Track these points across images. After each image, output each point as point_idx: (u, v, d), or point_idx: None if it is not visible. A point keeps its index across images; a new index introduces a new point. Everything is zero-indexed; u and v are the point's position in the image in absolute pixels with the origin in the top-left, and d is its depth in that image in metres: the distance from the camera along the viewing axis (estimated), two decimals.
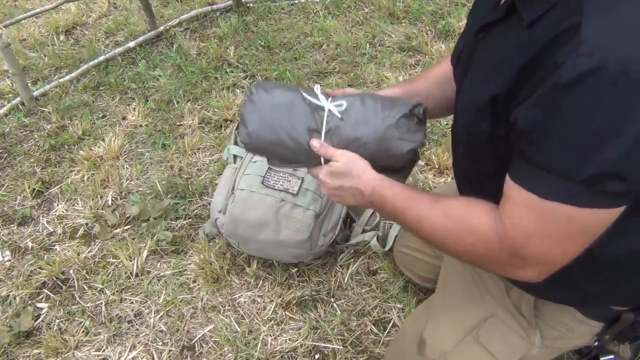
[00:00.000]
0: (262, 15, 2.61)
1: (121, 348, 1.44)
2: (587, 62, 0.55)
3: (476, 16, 0.86)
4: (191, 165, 1.91)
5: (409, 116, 0.88)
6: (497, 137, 0.73)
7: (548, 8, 0.63)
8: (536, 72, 0.62)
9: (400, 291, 1.51)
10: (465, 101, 0.80)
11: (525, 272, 0.73)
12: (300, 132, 0.89)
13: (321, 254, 1.56)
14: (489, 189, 0.80)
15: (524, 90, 0.65)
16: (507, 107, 0.68)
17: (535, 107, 0.62)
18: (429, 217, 0.81)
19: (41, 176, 1.89)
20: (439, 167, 1.83)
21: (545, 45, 0.61)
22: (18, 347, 1.44)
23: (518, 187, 0.67)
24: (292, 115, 0.89)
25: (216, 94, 2.19)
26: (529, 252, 0.70)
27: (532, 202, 0.66)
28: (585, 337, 0.94)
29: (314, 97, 0.90)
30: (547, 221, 0.66)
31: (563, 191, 0.63)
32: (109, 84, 2.26)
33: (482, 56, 0.78)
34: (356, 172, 0.88)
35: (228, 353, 1.41)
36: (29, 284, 1.57)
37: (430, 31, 2.47)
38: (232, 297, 1.53)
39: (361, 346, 1.41)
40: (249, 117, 0.90)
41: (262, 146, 0.93)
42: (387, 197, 0.86)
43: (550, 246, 0.68)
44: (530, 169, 0.65)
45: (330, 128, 0.88)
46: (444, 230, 0.79)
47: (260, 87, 0.92)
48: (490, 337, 0.95)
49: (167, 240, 1.64)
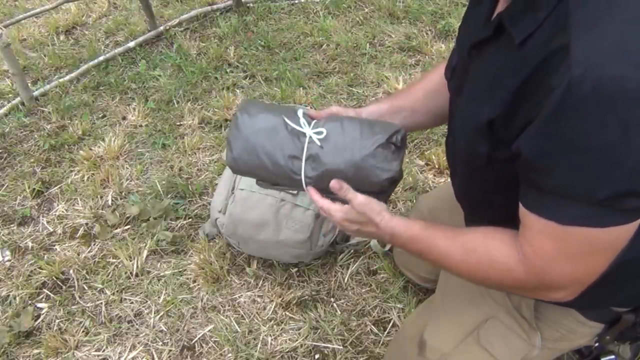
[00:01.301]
0: (262, 15, 2.61)
1: (121, 348, 1.44)
2: (581, 85, 0.55)
3: (468, 31, 0.86)
4: (191, 165, 1.91)
5: (386, 145, 0.89)
6: (496, 159, 0.72)
7: (537, 26, 0.62)
8: (531, 95, 0.62)
9: (400, 291, 1.51)
10: (463, 120, 0.80)
11: (557, 294, 0.73)
12: (280, 158, 0.92)
13: (321, 254, 1.56)
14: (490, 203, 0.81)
15: (520, 113, 0.64)
16: (505, 131, 0.68)
17: (537, 136, 0.61)
18: (451, 255, 0.81)
19: (41, 176, 1.89)
20: (439, 167, 1.83)
21: (537, 66, 0.61)
22: (18, 347, 1.44)
23: (534, 215, 0.67)
24: (274, 141, 0.92)
25: (216, 94, 2.19)
26: (555, 277, 0.69)
27: (550, 229, 0.65)
28: (586, 338, 0.94)
29: (296, 123, 0.92)
30: (569, 245, 0.66)
31: (580, 215, 0.62)
32: (109, 84, 2.26)
33: (475, 74, 0.78)
34: (372, 217, 0.87)
35: (228, 353, 1.41)
36: (29, 284, 1.57)
37: (430, 31, 2.47)
38: (232, 297, 1.53)
39: (361, 346, 1.41)
40: (234, 142, 0.94)
41: (247, 170, 0.97)
42: (406, 242, 0.86)
43: (576, 267, 0.68)
44: (543, 197, 0.65)
45: (310, 155, 0.90)
46: (467, 266, 0.79)
47: (244, 110, 0.95)
48: (490, 338, 0.95)
49: (167, 240, 1.64)
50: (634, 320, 0.87)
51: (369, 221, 0.87)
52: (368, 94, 2.16)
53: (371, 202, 0.87)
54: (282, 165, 0.92)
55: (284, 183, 0.97)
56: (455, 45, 0.92)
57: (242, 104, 0.97)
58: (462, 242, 0.80)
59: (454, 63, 0.88)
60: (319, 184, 0.93)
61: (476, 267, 0.78)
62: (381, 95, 2.15)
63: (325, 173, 0.90)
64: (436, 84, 1.03)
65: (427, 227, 0.85)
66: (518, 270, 0.72)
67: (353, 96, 2.16)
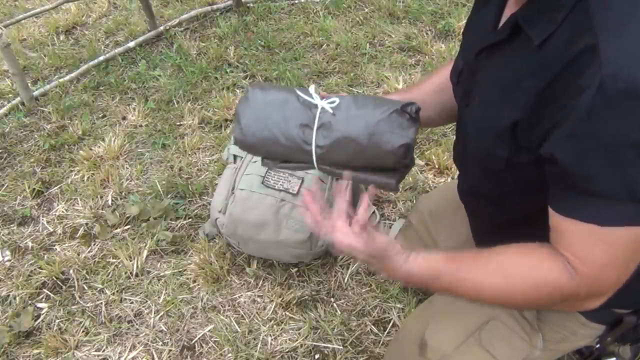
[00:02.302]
0: (262, 15, 2.61)
1: (121, 348, 1.44)
2: (613, 84, 0.55)
3: (474, 36, 0.85)
4: (191, 165, 1.91)
5: (401, 112, 0.87)
6: (516, 163, 0.71)
7: (556, 26, 0.62)
8: (557, 98, 0.61)
9: (400, 291, 1.51)
10: (478, 125, 0.78)
11: (593, 304, 0.71)
12: (292, 127, 0.89)
13: (321, 254, 1.56)
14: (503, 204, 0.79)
15: (545, 117, 0.63)
16: (529, 134, 0.67)
17: (572, 138, 0.61)
18: (487, 283, 0.74)
19: (41, 176, 1.89)
20: (439, 167, 1.83)
21: (563, 68, 0.61)
22: (18, 347, 1.44)
23: (572, 220, 0.65)
24: (285, 111, 0.89)
25: (216, 94, 2.19)
26: (606, 284, 0.68)
27: (593, 233, 0.63)
28: (587, 339, 0.94)
29: (308, 96, 0.90)
30: (617, 247, 0.64)
31: (624, 213, 0.61)
32: (109, 84, 2.26)
33: (487, 77, 0.77)
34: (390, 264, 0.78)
35: (228, 353, 1.41)
36: (29, 284, 1.57)
37: (430, 31, 2.47)
38: (232, 297, 1.53)
39: (361, 346, 1.41)
40: (242, 112, 0.92)
41: (254, 142, 0.93)
42: (431, 283, 0.79)
43: (620, 271, 0.67)
44: (583, 199, 0.63)
45: (322, 123, 0.88)
46: (509, 292, 0.73)
47: (256, 86, 0.94)
48: (492, 339, 0.95)
49: (167, 240, 1.64)
50: (635, 322, 0.87)
51: (385, 263, 0.78)
52: (368, 94, 2.16)
53: (390, 241, 0.79)
54: (293, 134, 0.89)
55: (293, 157, 0.93)
56: (459, 50, 0.92)
57: (253, 83, 0.95)
58: (499, 268, 0.74)
59: (460, 67, 0.87)
60: (330, 155, 0.89)
61: (522, 291, 0.72)
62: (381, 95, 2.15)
63: (337, 141, 0.87)
64: (444, 81, 1.02)
65: (449, 259, 0.77)
66: (569, 285, 0.69)
67: None
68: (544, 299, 0.73)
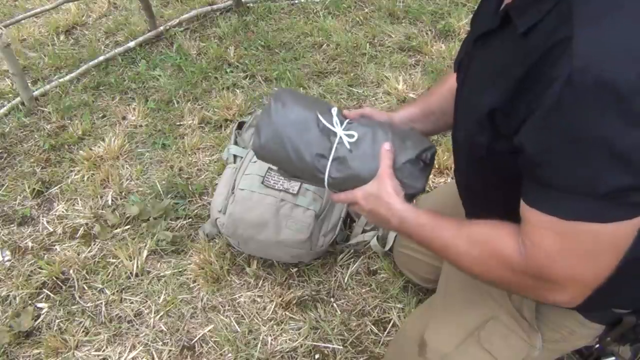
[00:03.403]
0: (262, 15, 2.61)
1: (121, 348, 1.44)
2: (582, 76, 0.55)
3: (477, 23, 0.86)
4: (191, 165, 1.91)
5: (415, 161, 0.88)
6: (495, 151, 0.72)
7: (541, 17, 0.62)
8: (532, 87, 0.62)
9: (400, 291, 1.51)
10: (465, 110, 0.80)
11: (558, 296, 0.71)
12: (307, 154, 0.91)
13: (321, 254, 1.56)
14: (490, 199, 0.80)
15: (521, 105, 0.64)
16: (507, 122, 0.67)
17: (539, 129, 0.61)
18: (454, 245, 0.79)
19: (41, 176, 1.89)
20: (439, 167, 1.83)
21: (540, 57, 0.61)
22: (18, 347, 1.44)
23: (536, 211, 0.66)
24: (304, 136, 0.91)
25: (216, 94, 2.19)
26: (554, 273, 0.68)
27: (553, 225, 0.64)
28: (587, 339, 0.94)
29: (329, 121, 0.92)
30: (570, 241, 0.64)
31: (585, 209, 0.61)
32: (109, 84, 2.26)
33: (478, 64, 0.78)
34: (385, 198, 0.87)
35: (228, 353, 1.41)
36: (29, 284, 1.57)
37: (430, 31, 2.47)
38: (232, 297, 1.53)
39: (361, 346, 1.41)
40: (263, 129, 0.93)
41: (270, 158, 0.97)
42: (413, 228, 0.85)
43: (576, 266, 0.67)
44: (547, 192, 0.64)
45: (338, 157, 0.90)
46: (468, 256, 0.78)
47: (279, 99, 0.94)
48: (491, 339, 0.95)
49: (167, 240, 1.64)
50: (634, 322, 0.87)
51: (382, 197, 0.86)
52: (368, 94, 2.16)
53: (394, 180, 0.87)
54: (308, 161, 0.91)
55: (304, 178, 0.97)
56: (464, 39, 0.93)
57: (277, 92, 0.95)
58: (467, 233, 0.79)
59: (462, 55, 0.88)
60: (339, 186, 0.92)
61: (478, 259, 0.77)
62: (381, 95, 2.15)
63: (349, 177, 0.90)
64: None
65: (435, 216, 0.84)
66: (519, 266, 0.71)
67: (353, 96, 2.16)
68: (497, 273, 0.76)
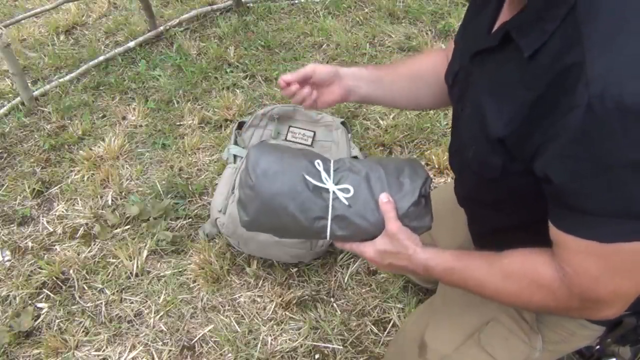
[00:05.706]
0: (262, 15, 2.61)
1: (121, 348, 1.44)
2: (602, 103, 0.54)
3: (469, 38, 0.84)
4: (191, 165, 1.91)
5: (417, 202, 0.86)
6: (510, 172, 0.71)
7: (546, 38, 0.61)
8: (547, 113, 0.61)
9: (400, 291, 1.51)
10: (472, 132, 0.77)
11: (604, 312, 0.71)
12: (304, 220, 0.85)
13: (321, 254, 1.56)
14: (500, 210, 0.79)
15: (536, 131, 0.63)
16: (520, 147, 0.66)
17: (565, 159, 0.60)
18: (490, 282, 0.78)
19: (41, 176, 1.89)
20: (439, 167, 1.83)
21: (551, 82, 0.60)
22: (18, 347, 1.44)
23: (570, 236, 0.65)
24: (296, 202, 0.85)
25: (216, 94, 2.19)
26: (601, 294, 0.68)
27: (593, 249, 0.63)
28: (587, 341, 0.94)
29: (317, 178, 0.86)
30: (612, 262, 0.64)
31: (623, 230, 0.61)
32: (109, 84, 2.26)
33: (480, 83, 0.76)
34: (404, 252, 0.84)
35: (228, 353, 1.41)
36: (29, 284, 1.57)
37: (430, 31, 2.47)
38: (232, 297, 1.53)
39: (361, 346, 1.41)
40: (249, 204, 0.86)
41: (264, 229, 0.91)
42: (441, 274, 0.84)
43: (620, 283, 0.66)
44: (581, 217, 0.63)
45: (337, 215, 0.85)
46: (506, 291, 0.77)
47: (256, 165, 0.86)
48: (491, 340, 0.95)
49: (167, 240, 1.64)
50: (635, 323, 0.87)
51: (400, 252, 0.84)
52: None
53: (406, 231, 0.84)
54: (306, 226, 0.86)
55: (303, 238, 0.93)
56: (454, 52, 0.91)
57: (251, 157, 0.87)
58: (500, 268, 0.77)
59: (456, 69, 0.86)
60: (344, 240, 0.88)
61: (518, 292, 0.75)
62: None
63: (354, 233, 0.86)
64: (423, 70, 1.01)
65: (461, 257, 0.82)
66: (561, 292, 0.70)
67: None
68: (539, 302, 0.75)
